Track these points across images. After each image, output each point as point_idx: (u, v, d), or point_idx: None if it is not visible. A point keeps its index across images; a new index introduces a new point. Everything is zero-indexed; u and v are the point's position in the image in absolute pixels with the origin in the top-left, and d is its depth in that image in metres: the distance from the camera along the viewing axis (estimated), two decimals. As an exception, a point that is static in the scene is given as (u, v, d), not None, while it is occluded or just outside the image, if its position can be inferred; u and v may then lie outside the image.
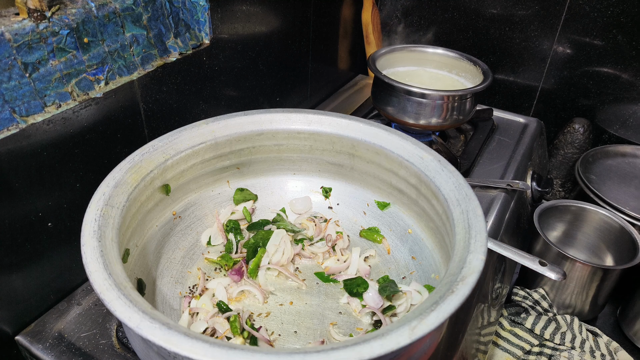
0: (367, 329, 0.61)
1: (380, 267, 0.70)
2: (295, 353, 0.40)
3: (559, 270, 0.67)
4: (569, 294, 0.99)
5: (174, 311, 0.61)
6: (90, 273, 0.46)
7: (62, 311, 0.64)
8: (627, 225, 0.99)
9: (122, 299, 0.43)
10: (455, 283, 0.46)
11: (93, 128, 0.63)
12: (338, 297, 0.65)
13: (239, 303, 0.63)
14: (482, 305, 0.75)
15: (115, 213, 0.54)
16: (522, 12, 1.15)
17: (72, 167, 0.62)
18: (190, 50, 0.73)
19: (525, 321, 0.96)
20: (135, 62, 0.66)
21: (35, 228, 0.60)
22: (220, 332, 0.58)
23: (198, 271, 0.67)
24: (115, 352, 0.59)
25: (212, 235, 0.71)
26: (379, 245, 0.72)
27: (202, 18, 0.73)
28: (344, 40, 1.21)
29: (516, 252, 0.69)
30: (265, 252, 0.68)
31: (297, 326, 0.61)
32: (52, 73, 0.56)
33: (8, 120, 0.53)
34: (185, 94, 0.76)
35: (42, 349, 0.60)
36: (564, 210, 1.07)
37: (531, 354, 0.93)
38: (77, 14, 0.57)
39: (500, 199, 0.87)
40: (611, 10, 1.05)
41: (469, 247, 0.50)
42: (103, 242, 0.49)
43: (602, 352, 0.93)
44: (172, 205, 0.68)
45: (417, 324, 0.42)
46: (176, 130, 0.65)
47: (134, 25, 0.64)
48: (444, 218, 0.59)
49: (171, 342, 0.40)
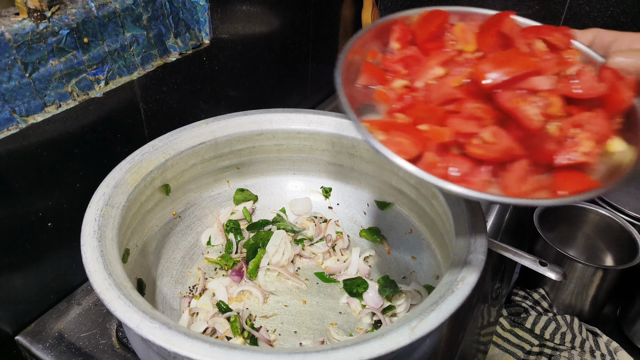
0: (367, 329, 0.61)
1: (380, 267, 0.70)
2: (295, 353, 0.40)
3: (559, 270, 0.67)
4: (569, 294, 0.99)
5: (174, 311, 0.61)
6: (90, 273, 0.46)
7: (62, 311, 0.64)
8: (627, 225, 0.99)
9: (122, 299, 0.43)
10: (455, 283, 0.46)
11: (93, 128, 0.63)
12: (338, 297, 0.65)
13: (239, 303, 0.63)
14: (482, 305, 0.75)
15: (115, 213, 0.54)
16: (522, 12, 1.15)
17: (72, 167, 0.62)
18: (190, 50, 0.73)
19: (526, 321, 0.96)
20: (135, 62, 0.66)
21: (35, 228, 0.60)
22: (220, 332, 0.58)
23: (198, 271, 0.67)
24: (115, 352, 0.59)
25: (212, 235, 0.71)
26: (379, 245, 0.72)
27: (202, 18, 0.73)
28: (344, 40, 1.21)
29: (516, 252, 0.69)
30: (265, 252, 0.68)
31: (297, 326, 0.61)
32: (52, 73, 0.56)
33: (8, 120, 0.53)
34: (185, 94, 0.76)
35: (42, 349, 0.60)
36: (564, 210, 1.06)
37: (531, 354, 0.93)
38: (77, 14, 0.57)
39: (500, 199, 0.87)
40: (611, 10, 1.05)
41: (469, 247, 0.50)
42: (103, 242, 0.49)
43: (602, 352, 0.93)
44: (172, 205, 0.68)
45: (417, 324, 0.42)
46: (176, 130, 0.65)
47: (134, 25, 0.64)
48: (444, 218, 0.59)
49: (171, 342, 0.40)
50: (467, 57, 0.44)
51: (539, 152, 0.39)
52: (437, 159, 0.39)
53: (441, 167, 0.39)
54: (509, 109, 0.39)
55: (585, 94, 0.40)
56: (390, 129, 0.40)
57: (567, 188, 0.38)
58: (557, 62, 0.41)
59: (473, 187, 0.38)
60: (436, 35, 0.47)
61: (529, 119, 0.38)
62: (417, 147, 0.39)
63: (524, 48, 0.41)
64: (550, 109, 0.40)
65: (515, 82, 0.39)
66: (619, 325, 1.02)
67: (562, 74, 0.41)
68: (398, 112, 0.42)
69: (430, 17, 0.47)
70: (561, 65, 0.42)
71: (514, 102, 0.39)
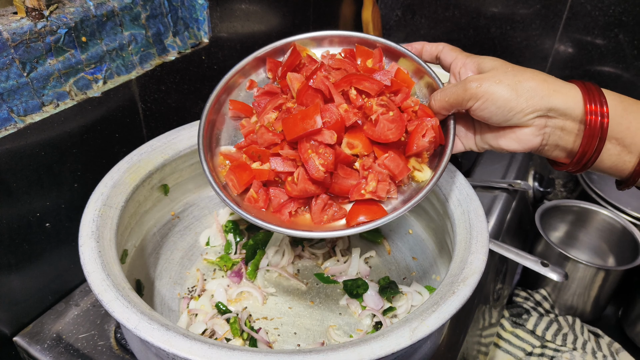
0: (368, 331, 0.61)
1: (381, 268, 0.69)
2: (294, 354, 0.40)
3: (561, 271, 0.66)
4: (571, 295, 0.98)
5: (172, 312, 0.61)
6: (88, 274, 0.46)
7: (60, 312, 0.64)
8: (629, 226, 0.99)
9: (120, 300, 0.43)
10: (456, 284, 0.46)
11: (91, 128, 0.63)
12: (338, 299, 0.65)
13: (238, 304, 0.63)
14: (484, 306, 0.75)
15: (113, 213, 0.53)
16: (524, 11, 1.15)
17: (70, 167, 0.62)
18: (189, 49, 0.73)
19: (527, 322, 0.96)
20: (133, 61, 0.65)
21: (33, 228, 0.59)
22: (220, 333, 0.57)
23: (197, 272, 0.66)
24: (113, 353, 0.59)
25: (211, 236, 0.71)
26: (379, 246, 0.72)
27: (201, 17, 0.73)
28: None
29: (518, 253, 0.68)
30: (265, 254, 0.67)
31: (296, 327, 0.61)
32: (50, 72, 0.56)
33: (6, 119, 0.53)
34: (184, 93, 0.76)
35: (41, 350, 0.59)
36: (566, 211, 1.06)
37: (533, 355, 0.93)
38: (76, 13, 0.56)
39: (502, 199, 0.86)
40: (613, 9, 1.05)
41: (470, 247, 0.50)
42: (101, 243, 0.49)
43: (603, 353, 0.92)
44: (171, 206, 0.68)
45: (417, 325, 0.42)
46: (175, 129, 0.65)
47: (133, 24, 0.63)
48: (445, 218, 0.59)
49: (170, 343, 0.40)
50: (289, 106, 0.52)
51: (339, 189, 0.49)
52: (256, 195, 0.50)
53: (260, 200, 0.50)
54: (303, 159, 0.47)
55: (379, 139, 0.48)
56: (231, 168, 0.52)
57: (356, 217, 0.48)
58: (359, 109, 0.49)
59: (282, 219, 0.49)
60: (294, 70, 0.54)
61: (315, 167, 0.46)
62: (243, 184, 0.51)
63: (338, 99, 0.49)
64: (355, 149, 0.48)
65: (306, 137, 0.47)
66: (621, 326, 1.02)
67: (369, 118, 0.49)
68: (242, 148, 0.54)
69: (292, 53, 0.55)
70: (364, 112, 0.49)
71: (304, 154, 0.47)
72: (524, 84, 0.45)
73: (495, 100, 0.46)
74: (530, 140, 0.47)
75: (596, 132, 0.45)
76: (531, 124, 0.46)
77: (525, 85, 0.45)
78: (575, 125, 0.46)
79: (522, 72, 0.46)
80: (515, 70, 0.47)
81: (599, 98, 0.45)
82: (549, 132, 0.47)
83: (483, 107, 0.46)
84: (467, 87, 0.46)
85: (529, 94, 0.45)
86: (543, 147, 0.48)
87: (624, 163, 0.46)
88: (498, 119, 0.47)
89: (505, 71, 0.46)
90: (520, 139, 0.48)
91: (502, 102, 0.45)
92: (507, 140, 0.49)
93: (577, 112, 0.45)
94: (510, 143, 0.49)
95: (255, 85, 0.58)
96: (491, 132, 0.50)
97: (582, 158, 0.47)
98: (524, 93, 0.45)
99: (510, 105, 0.45)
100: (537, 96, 0.45)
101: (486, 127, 0.50)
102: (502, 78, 0.46)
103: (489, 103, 0.46)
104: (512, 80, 0.46)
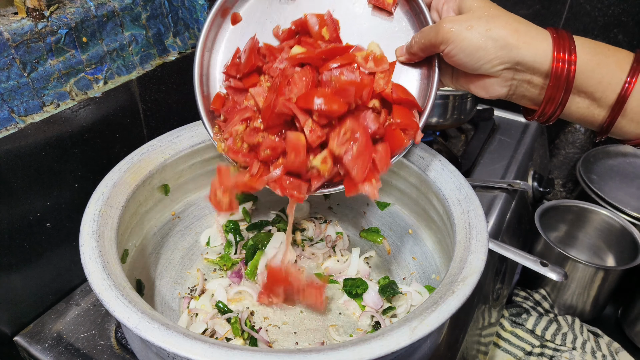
0: (367, 330, 0.61)
1: (381, 268, 0.69)
2: (294, 353, 0.40)
3: (560, 271, 0.66)
4: (570, 294, 0.98)
5: (173, 312, 0.61)
6: (89, 273, 0.46)
7: (60, 312, 0.64)
8: (628, 226, 0.99)
9: (120, 299, 0.43)
10: (455, 284, 0.46)
11: (92, 128, 0.63)
12: (338, 298, 0.65)
13: (238, 304, 0.63)
14: (483, 306, 0.75)
15: (114, 213, 0.53)
16: (523, 11, 1.15)
17: (70, 167, 0.62)
18: (189, 49, 0.73)
19: (527, 322, 0.96)
20: (134, 61, 0.66)
21: (34, 228, 0.59)
22: (220, 333, 0.57)
23: (197, 272, 0.67)
24: (114, 353, 0.59)
25: (212, 235, 0.71)
26: (379, 246, 0.72)
27: (202, 17, 0.73)
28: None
29: (517, 253, 0.68)
30: (264, 254, 0.67)
31: (296, 327, 0.61)
32: (50, 72, 0.56)
33: (6, 120, 0.53)
34: (185, 94, 0.76)
35: (41, 350, 0.59)
36: (565, 211, 1.06)
37: (532, 355, 0.93)
38: (76, 13, 0.56)
39: (501, 199, 0.86)
40: (612, 9, 1.05)
41: (470, 247, 0.50)
42: (102, 243, 0.49)
43: (603, 352, 0.92)
44: (171, 206, 0.68)
45: (417, 324, 0.42)
46: (175, 130, 0.65)
47: (133, 25, 0.63)
48: (445, 218, 0.59)
49: (170, 342, 0.40)
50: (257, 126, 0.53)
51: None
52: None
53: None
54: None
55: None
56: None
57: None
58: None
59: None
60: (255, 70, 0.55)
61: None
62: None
63: (302, 117, 0.49)
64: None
65: None
66: (620, 326, 1.02)
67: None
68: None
69: (250, 51, 0.56)
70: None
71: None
72: (494, 32, 0.44)
73: (464, 48, 0.44)
74: (496, 90, 0.47)
75: (562, 83, 0.44)
76: (499, 75, 0.46)
77: (494, 34, 0.44)
78: (541, 79, 0.45)
79: (495, 18, 0.45)
80: (489, 16, 0.45)
81: (569, 46, 0.44)
82: (516, 84, 0.46)
83: (453, 53, 0.45)
84: (439, 29, 0.45)
85: (497, 44, 0.44)
86: (510, 96, 0.48)
87: (593, 116, 0.46)
88: (467, 67, 0.46)
89: (480, 16, 0.45)
90: (487, 88, 0.48)
91: (471, 51, 0.44)
92: (476, 87, 0.48)
93: (545, 67, 0.44)
94: (479, 90, 0.48)
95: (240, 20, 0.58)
96: (465, 76, 0.49)
97: (546, 109, 0.46)
98: (492, 43, 0.44)
99: (478, 54, 0.44)
100: (505, 47, 0.44)
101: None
102: (474, 24, 0.44)
103: (458, 50, 0.45)
104: (483, 27, 0.44)
